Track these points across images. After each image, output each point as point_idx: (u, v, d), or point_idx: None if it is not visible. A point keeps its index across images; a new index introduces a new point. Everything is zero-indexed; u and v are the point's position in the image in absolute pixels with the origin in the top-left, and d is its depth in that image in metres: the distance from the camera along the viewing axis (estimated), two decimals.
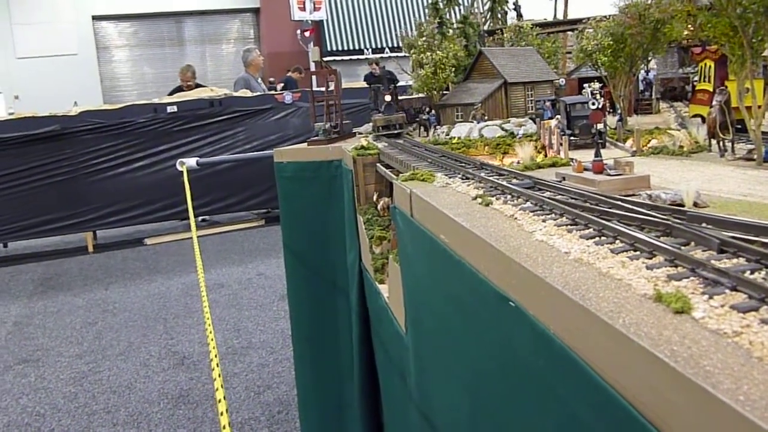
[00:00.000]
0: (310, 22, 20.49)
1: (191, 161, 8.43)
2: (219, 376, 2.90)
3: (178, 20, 25.03)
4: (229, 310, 9.39)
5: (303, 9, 20.31)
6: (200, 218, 13.93)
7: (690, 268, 1.47)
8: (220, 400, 2.63)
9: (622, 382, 1.27)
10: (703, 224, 1.81)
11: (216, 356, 3.33)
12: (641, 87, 7.46)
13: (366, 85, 14.86)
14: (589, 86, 5.97)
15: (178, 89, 14.39)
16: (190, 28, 25.18)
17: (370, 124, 5.32)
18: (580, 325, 1.40)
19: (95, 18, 23.97)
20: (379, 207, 4.18)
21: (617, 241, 1.74)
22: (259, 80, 15.05)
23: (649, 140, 3.85)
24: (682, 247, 1.62)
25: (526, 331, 1.67)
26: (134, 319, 9.38)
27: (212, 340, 3.36)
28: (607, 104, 5.51)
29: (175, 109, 12.88)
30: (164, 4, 24.22)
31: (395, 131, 4.81)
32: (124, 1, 23.70)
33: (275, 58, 22.17)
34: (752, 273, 1.45)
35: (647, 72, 7.79)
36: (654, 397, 1.16)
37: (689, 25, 3.97)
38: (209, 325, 3.53)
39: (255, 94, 13.64)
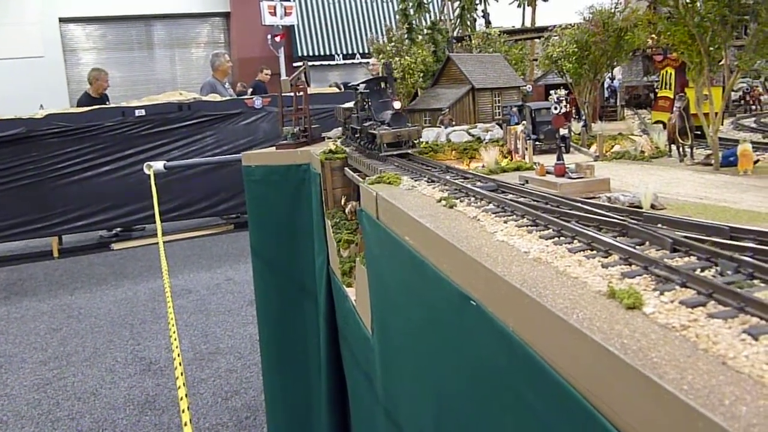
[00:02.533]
0: (280, 27, 20.44)
1: (159, 164, 8.36)
2: (183, 384, 2.88)
3: (148, 23, 24.79)
4: (197, 315, 9.30)
5: (274, 14, 20.25)
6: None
7: (643, 266, 1.52)
8: (184, 410, 2.62)
9: (576, 376, 1.30)
10: (659, 225, 1.87)
11: (180, 364, 3.31)
12: (606, 94, 7.60)
13: (338, 90, 14.88)
14: (556, 93, 6.08)
15: (87, 96, 13.86)
16: (159, 31, 24.95)
17: (340, 129, 5.32)
18: (536, 322, 1.43)
19: (62, 20, 23.62)
20: (347, 210, 4.20)
21: (575, 241, 1.78)
22: (227, 85, 14.93)
23: (613, 146, 3.93)
24: (637, 247, 1.67)
25: (487, 329, 1.70)
26: (100, 325, 9.25)
27: (177, 347, 3.34)
28: (573, 110, 5.61)
29: (143, 112, 12.75)
30: (133, 7, 23.96)
31: (406, 149, 3.71)
32: (92, 3, 23.41)
33: (245, 63, 22.08)
34: (702, 270, 1.50)
35: (612, 80, 7.93)
36: (605, 389, 1.19)
37: (651, 33, 4.06)
38: (174, 332, 3.50)
39: (223, 99, 13.55)
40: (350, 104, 5.00)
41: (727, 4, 2.72)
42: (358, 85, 4.41)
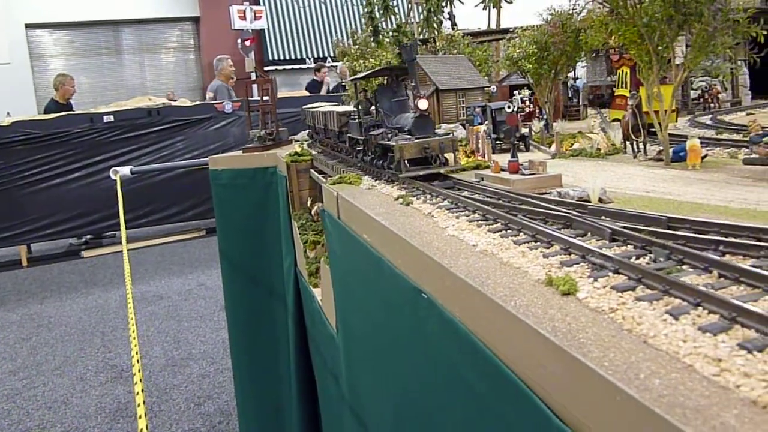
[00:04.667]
0: (250, 31, 20.40)
1: (125, 170, 8.31)
2: (142, 390, 2.90)
3: (116, 29, 24.57)
4: (169, 321, 9.26)
5: (243, 18, 20.22)
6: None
7: (581, 255, 1.58)
8: (140, 416, 2.63)
9: (513, 359, 1.36)
10: (602, 217, 1.94)
11: (140, 371, 3.32)
12: (570, 94, 7.73)
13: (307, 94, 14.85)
14: (519, 93, 6.18)
15: (54, 103, 13.65)
16: (128, 36, 24.74)
17: (307, 132, 5.34)
18: (479, 310, 1.49)
19: (29, 26, 23.31)
20: (313, 212, 4.24)
21: (521, 234, 1.85)
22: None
23: (572, 144, 4.02)
24: (578, 238, 1.74)
25: (436, 319, 1.76)
26: (70, 333, 9.16)
27: (137, 352, 3.35)
28: (537, 110, 5.71)
29: (111, 118, 12.65)
30: (101, 13, 23.73)
31: (436, 167, 2.77)
32: (59, 9, 23.14)
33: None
34: (637, 258, 1.57)
35: (575, 79, 8.07)
36: (538, 370, 1.26)
37: (605, 34, 4.16)
38: (134, 338, 3.51)
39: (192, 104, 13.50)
40: (329, 107, 4.55)
41: (673, 4, 2.81)
42: (359, 79, 3.56)
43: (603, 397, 1.04)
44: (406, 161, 2.70)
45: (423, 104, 2.82)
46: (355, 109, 3.43)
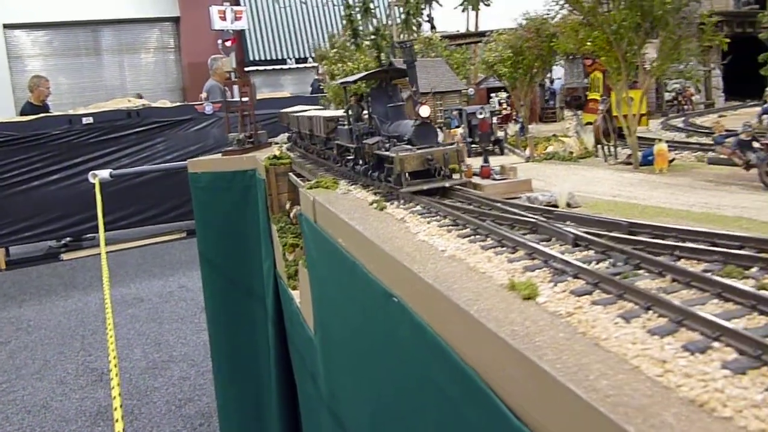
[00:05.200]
0: (231, 31, 20.30)
1: (104, 173, 8.28)
2: (119, 395, 2.93)
3: (95, 29, 24.37)
4: (150, 324, 9.24)
5: (224, 18, 20.11)
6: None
7: (544, 260, 1.65)
8: (117, 420, 2.67)
9: (478, 362, 1.42)
10: (568, 222, 2.01)
11: (117, 375, 3.35)
12: (546, 96, 7.83)
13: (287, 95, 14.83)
14: (497, 95, 6.26)
15: (30, 105, 13.52)
16: (107, 37, 24.55)
17: (286, 135, 5.37)
18: (445, 314, 1.55)
19: (6, 26, 23.07)
20: (291, 215, 4.28)
21: (488, 239, 1.91)
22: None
23: (546, 147, 4.09)
24: (543, 243, 1.80)
25: (407, 323, 1.81)
26: (50, 337, 9.11)
27: (114, 356, 3.37)
28: (513, 112, 5.79)
29: (91, 120, 12.58)
30: (80, 13, 23.53)
31: (440, 181, 2.50)
32: (37, 9, 22.92)
33: (196, 68, 21.86)
34: (598, 263, 1.64)
35: (552, 82, 8.17)
36: (498, 372, 1.32)
37: (575, 41, 4.24)
38: (112, 341, 3.53)
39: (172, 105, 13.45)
40: (315, 111, 4.33)
41: (640, 12, 2.89)
42: (351, 83, 3.22)
43: (555, 397, 1.10)
44: (407, 174, 2.47)
45: (425, 111, 2.60)
46: (346, 114, 3.21)
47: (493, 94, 6.30)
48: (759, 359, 1.02)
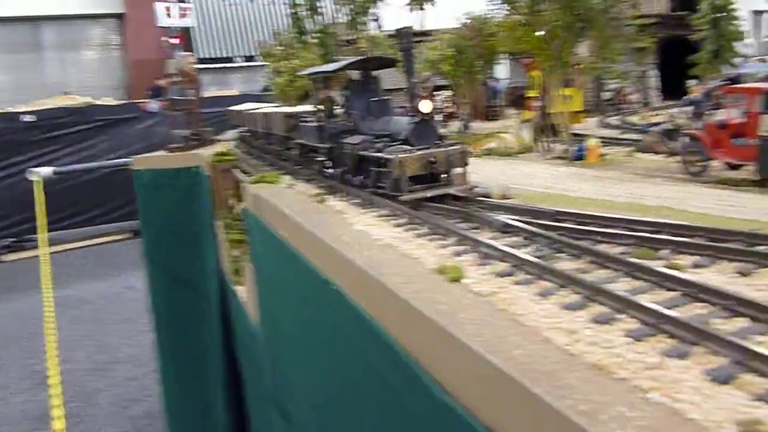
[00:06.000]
0: (177, 28, 20.01)
1: (47, 170, 8.10)
2: (59, 394, 2.90)
3: (35, 25, 23.69)
4: (94, 325, 9.07)
5: (169, 15, 19.81)
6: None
7: (473, 246, 1.73)
8: (54, 419, 2.65)
9: (410, 343, 1.49)
10: (500, 212, 2.10)
11: (60, 380, 3.31)
12: (492, 94, 7.98)
13: (236, 93, 14.71)
14: (440, 94, 6.37)
15: None
16: (48, 33, 23.89)
17: (236, 131, 5.36)
18: (378, 298, 1.61)
19: None
20: (235, 211, 4.29)
21: (422, 227, 1.98)
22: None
23: (486, 143, 4.21)
24: (473, 230, 1.88)
25: (345, 309, 1.87)
26: None
27: (56, 362, 3.34)
28: (458, 110, 5.91)
29: (33, 118, 12.24)
30: (19, 8, 22.84)
31: (443, 186, 2.27)
32: None
33: (142, 66, 21.47)
34: (525, 247, 1.73)
35: (497, 81, 8.33)
36: (428, 350, 1.38)
37: (513, 40, 4.38)
38: (53, 343, 3.49)
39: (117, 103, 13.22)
40: (270, 107, 4.03)
41: (572, 13, 3.01)
42: (326, 73, 2.66)
43: (476, 369, 1.17)
44: (408, 179, 2.10)
45: (426, 106, 2.12)
46: (316, 109, 2.75)
47: (437, 92, 6.42)
48: (657, 328, 1.11)
